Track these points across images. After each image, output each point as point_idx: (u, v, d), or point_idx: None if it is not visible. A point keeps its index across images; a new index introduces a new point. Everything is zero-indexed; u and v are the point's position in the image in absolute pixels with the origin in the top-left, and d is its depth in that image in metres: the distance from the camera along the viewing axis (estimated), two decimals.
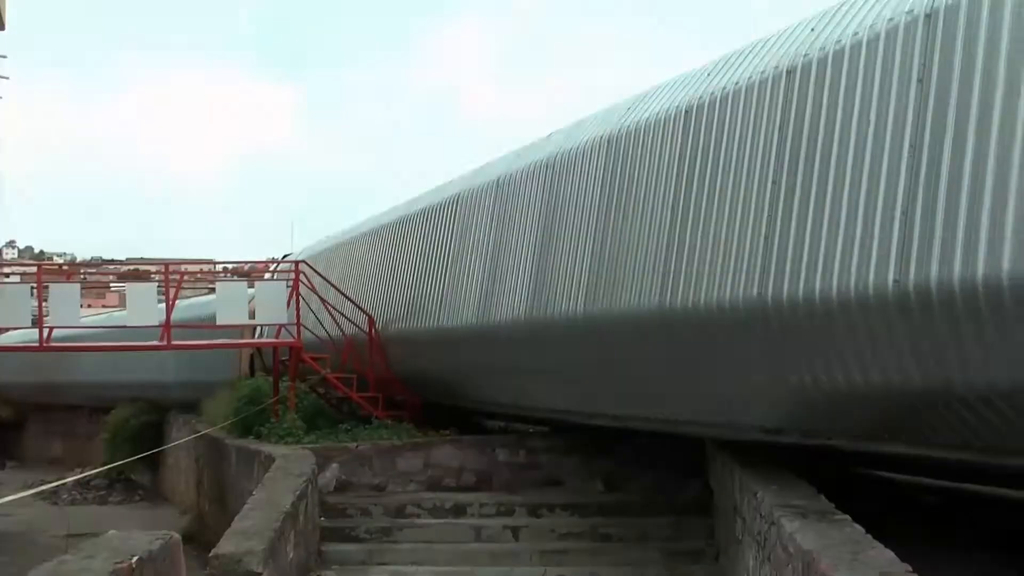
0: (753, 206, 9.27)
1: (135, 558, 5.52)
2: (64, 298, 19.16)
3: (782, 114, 9.06)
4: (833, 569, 6.45)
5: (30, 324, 19.34)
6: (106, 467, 19.21)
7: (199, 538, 19.43)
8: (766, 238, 9.00)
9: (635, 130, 11.54)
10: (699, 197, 10.14)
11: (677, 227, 10.37)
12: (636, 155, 11.41)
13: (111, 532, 6.15)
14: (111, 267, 64.69)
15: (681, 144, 10.56)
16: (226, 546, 8.98)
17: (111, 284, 51.08)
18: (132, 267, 58.80)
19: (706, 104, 10.26)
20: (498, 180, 14.98)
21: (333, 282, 19.95)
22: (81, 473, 32.19)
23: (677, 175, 10.54)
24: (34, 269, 32.94)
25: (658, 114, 11.17)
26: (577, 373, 12.67)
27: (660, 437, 13.27)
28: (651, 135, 11.16)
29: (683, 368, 10.49)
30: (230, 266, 31.70)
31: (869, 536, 7.62)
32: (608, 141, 12.03)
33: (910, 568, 6.61)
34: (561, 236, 12.79)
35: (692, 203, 10.22)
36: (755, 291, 9.01)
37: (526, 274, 13.46)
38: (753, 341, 9.19)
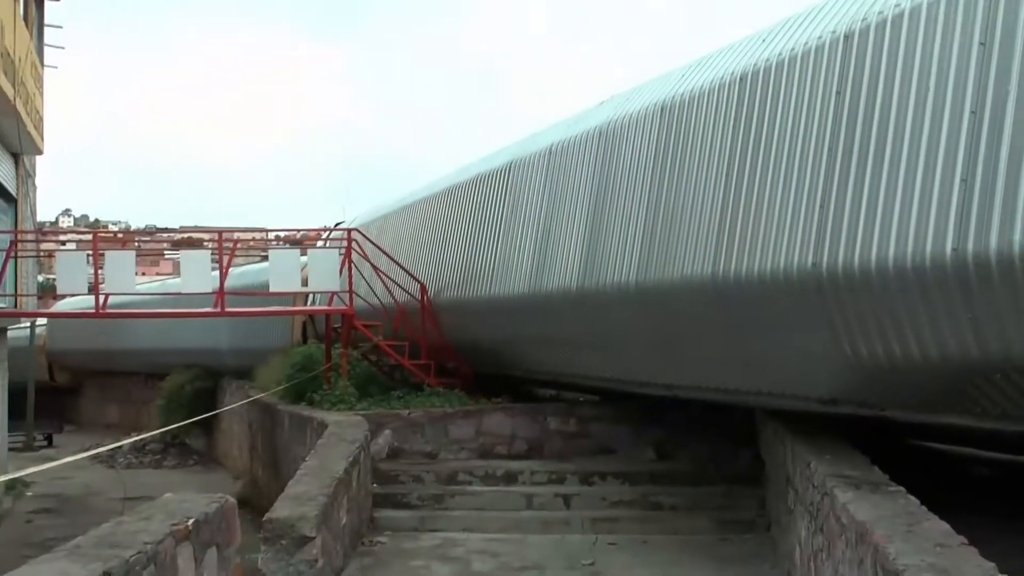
0: (808, 173, 9.17)
1: (191, 520, 5.58)
2: (120, 265, 19.32)
3: (839, 80, 8.94)
4: (888, 540, 6.40)
5: (86, 291, 19.54)
6: (161, 430, 19.41)
7: (252, 502, 19.64)
8: (821, 206, 8.91)
9: (689, 98, 11.44)
10: (753, 165, 10.05)
11: (731, 195, 10.29)
12: (690, 123, 11.32)
13: (167, 495, 6.23)
14: (165, 235, 65.20)
15: (736, 111, 10.46)
16: (280, 510, 9.07)
17: (165, 252, 51.59)
18: (186, 235, 59.30)
19: (761, 70, 10.15)
20: (550, 148, 14.92)
21: (385, 249, 19.97)
22: (137, 436, 32.64)
23: (731, 143, 10.45)
24: (89, 237, 33.33)
25: (712, 81, 11.06)
26: (629, 342, 12.63)
27: (711, 406, 13.23)
28: (705, 102, 11.06)
29: (736, 338, 10.43)
30: (282, 234, 31.80)
31: (924, 508, 7.56)
32: (662, 109, 11.94)
33: (965, 540, 6.55)
34: (613, 204, 12.74)
35: (746, 171, 10.14)
36: (810, 260, 8.93)
37: (578, 243, 13.42)
38: (808, 311, 9.11)
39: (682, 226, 11.07)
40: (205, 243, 26.26)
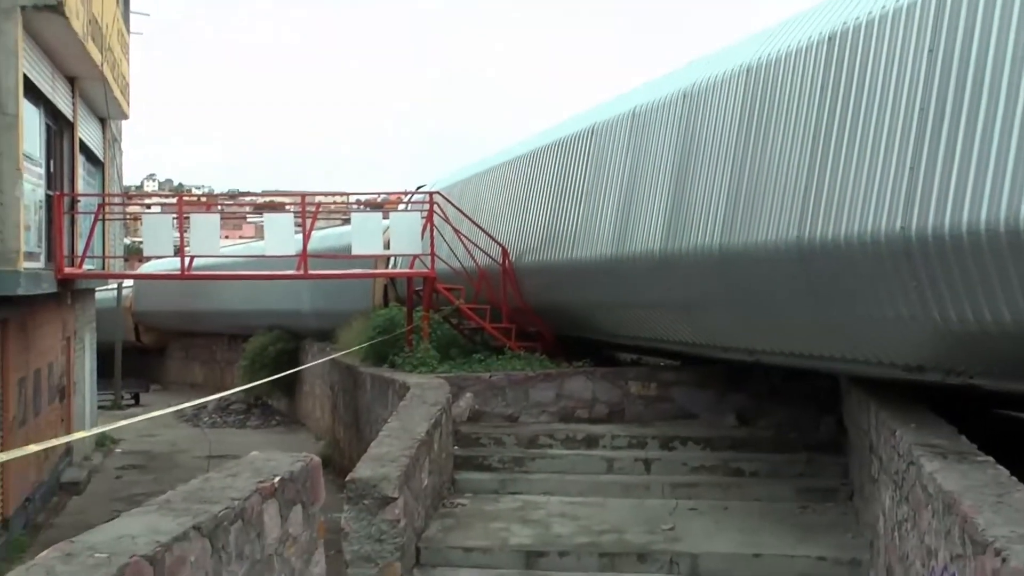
0: (898, 136, 8.99)
1: (277, 478, 5.65)
2: (205, 228, 19.58)
3: (931, 38, 8.73)
4: (976, 511, 6.28)
5: (172, 253, 19.83)
6: (244, 387, 19.69)
7: (334, 463, 19.91)
8: (911, 169, 8.74)
9: (776, 59, 11.26)
10: (841, 127, 9.88)
11: (818, 158, 10.13)
12: (776, 84, 11.15)
13: (254, 453, 6.30)
14: (247, 199, 65.93)
15: (824, 72, 10.28)
16: (363, 471, 9.16)
17: (247, 216, 52.18)
18: (268, 199, 59.93)
19: (851, 30, 9.95)
20: (634, 110, 14.80)
21: (467, 213, 20.01)
22: (221, 393, 33.20)
23: (819, 104, 10.27)
24: (173, 201, 33.87)
25: (800, 42, 10.87)
26: (711, 306, 12.54)
27: (794, 372, 13.10)
28: (792, 63, 10.88)
29: (821, 303, 10.30)
30: (363, 198, 32.02)
31: (1014, 479, 7.41)
32: (747, 70, 11.77)
33: None
34: (697, 167, 12.62)
35: (834, 133, 9.97)
36: (898, 224, 8.77)
37: (661, 206, 13.32)
38: (895, 276, 8.96)
39: (767, 189, 10.93)
40: (287, 207, 26.48)
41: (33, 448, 7.29)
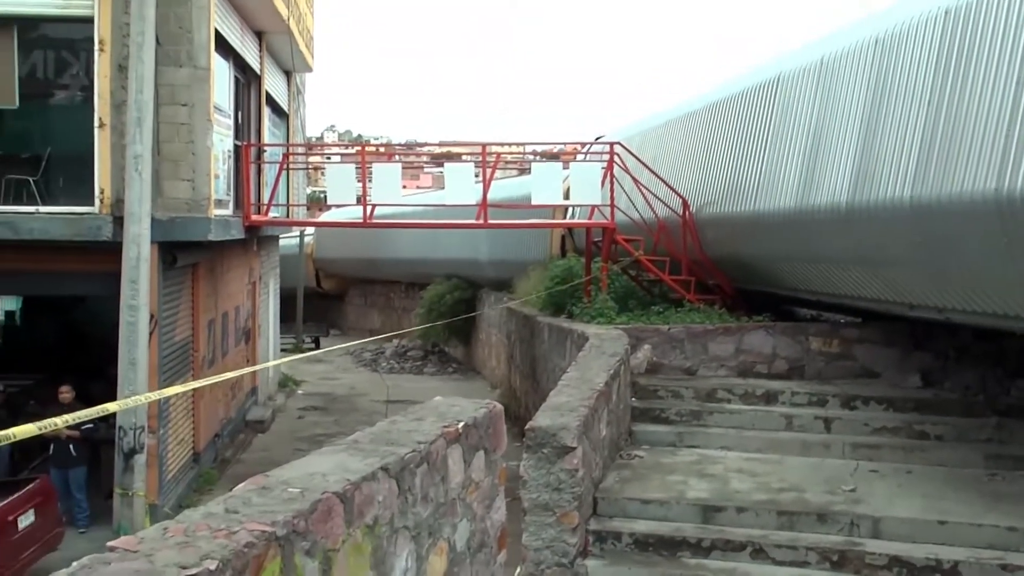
0: None
1: (461, 423, 5.67)
2: (387, 177, 19.91)
3: None
4: None
5: (355, 201, 20.21)
6: (421, 327, 20.03)
7: (509, 411, 20.02)
8: None
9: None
10: None
11: (1021, 104, 9.63)
12: (976, 27, 10.61)
13: (437, 398, 6.35)
14: (425, 149, 66.82)
15: None
16: (542, 420, 9.18)
17: (424, 166, 52.91)
18: (445, 149, 60.56)
19: None
20: (822, 59, 14.36)
21: (647, 163, 19.81)
22: (401, 331, 33.90)
23: None
24: (353, 151, 34.42)
25: None
26: (899, 261, 12.10)
27: (984, 332, 12.61)
28: (996, 4, 10.35)
29: (1019, 258, 9.83)
30: (539, 148, 32.12)
31: None
32: (946, 13, 11.25)
33: None
34: (888, 116, 12.16)
35: None
36: None
37: (849, 156, 12.91)
38: None
39: (964, 139, 10.45)
40: (464, 157, 26.70)
41: (231, 375, 7.50)
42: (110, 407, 7.39)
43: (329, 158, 45.71)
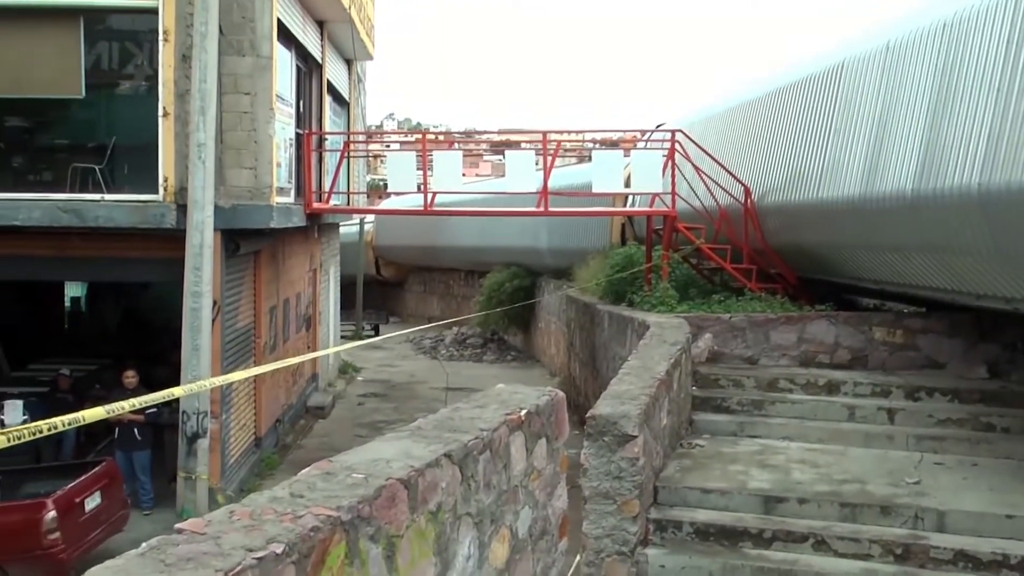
0: None
1: (523, 411, 5.67)
2: (447, 165, 19.94)
3: None
4: None
5: (416, 189, 20.27)
6: (481, 313, 20.07)
7: (569, 399, 20.02)
8: None
9: None
10: None
11: None
12: None
13: (500, 385, 6.35)
14: (484, 137, 66.84)
15: None
16: (603, 408, 9.15)
17: (483, 154, 52.98)
18: (506, 137, 60.60)
19: None
20: (887, 44, 14.17)
21: (708, 151, 19.67)
22: (458, 324, 33.98)
23: None
24: (412, 139, 34.58)
25: None
26: (967, 250, 11.90)
27: None
28: None
29: None
30: (599, 135, 32.06)
31: None
32: None
33: None
34: (956, 102, 11.96)
35: None
36: None
37: (915, 143, 12.72)
38: None
39: None
40: (523, 145, 26.71)
41: (292, 361, 7.55)
42: (176, 392, 7.48)
43: (389, 146, 45.93)
